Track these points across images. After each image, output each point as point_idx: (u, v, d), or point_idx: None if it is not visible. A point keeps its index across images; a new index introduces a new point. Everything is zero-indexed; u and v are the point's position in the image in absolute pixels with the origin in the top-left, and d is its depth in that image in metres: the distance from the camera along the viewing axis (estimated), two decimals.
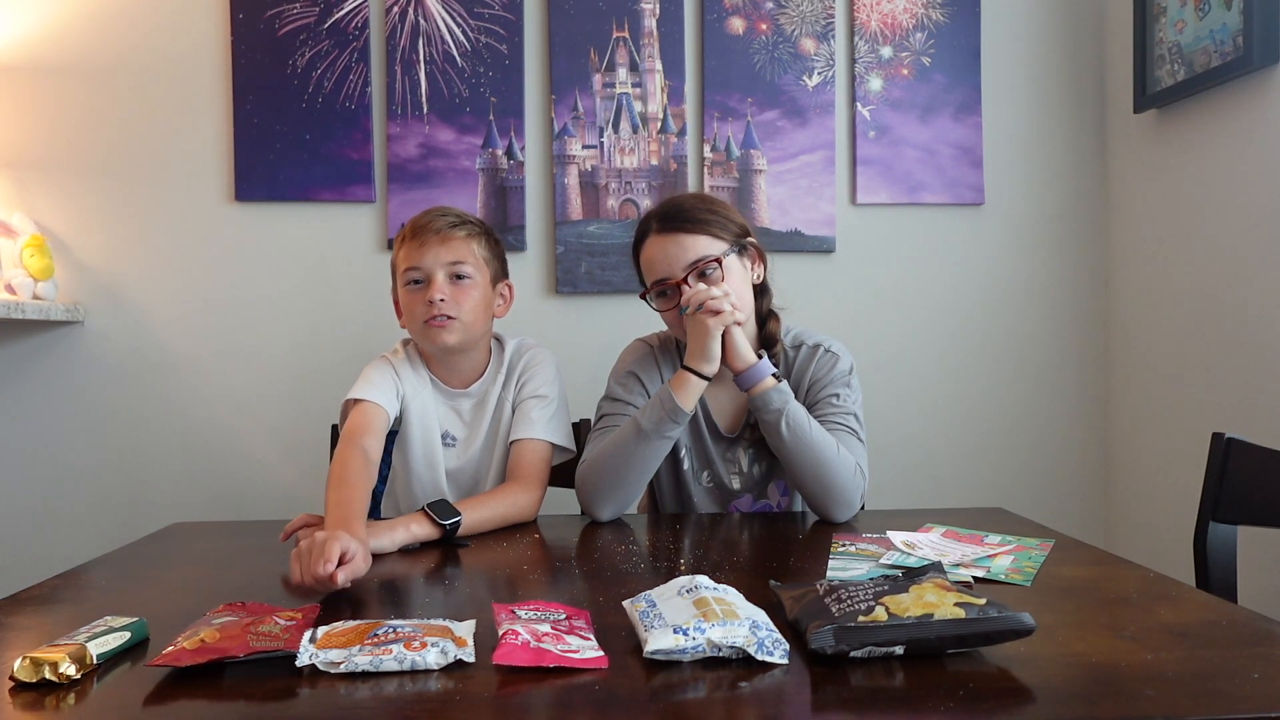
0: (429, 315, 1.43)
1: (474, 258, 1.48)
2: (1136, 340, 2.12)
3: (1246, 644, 0.80)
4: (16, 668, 0.73)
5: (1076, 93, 2.22)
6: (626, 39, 2.14)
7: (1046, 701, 0.69)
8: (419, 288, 1.46)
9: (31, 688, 0.73)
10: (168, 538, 1.35)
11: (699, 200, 1.47)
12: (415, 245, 1.46)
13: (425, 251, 1.45)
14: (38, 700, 0.71)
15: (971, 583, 0.99)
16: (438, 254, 1.45)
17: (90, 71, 2.07)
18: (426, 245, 1.45)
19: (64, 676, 0.73)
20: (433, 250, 1.45)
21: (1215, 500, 1.28)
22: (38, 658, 0.73)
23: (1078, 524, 2.19)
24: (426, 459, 1.51)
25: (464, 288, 1.46)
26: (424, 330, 1.46)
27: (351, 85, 2.10)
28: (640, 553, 1.22)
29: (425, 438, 1.50)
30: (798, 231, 2.17)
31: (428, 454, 1.50)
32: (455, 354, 1.50)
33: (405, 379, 1.50)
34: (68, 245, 2.07)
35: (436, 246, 1.45)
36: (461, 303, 1.45)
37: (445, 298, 1.43)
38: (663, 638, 0.76)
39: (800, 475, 1.35)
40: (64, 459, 2.08)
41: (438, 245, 1.45)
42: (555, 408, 1.51)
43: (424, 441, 1.50)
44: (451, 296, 1.44)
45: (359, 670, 0.74)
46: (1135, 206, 2.12)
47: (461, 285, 1.46)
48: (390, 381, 1.48)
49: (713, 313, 1.34)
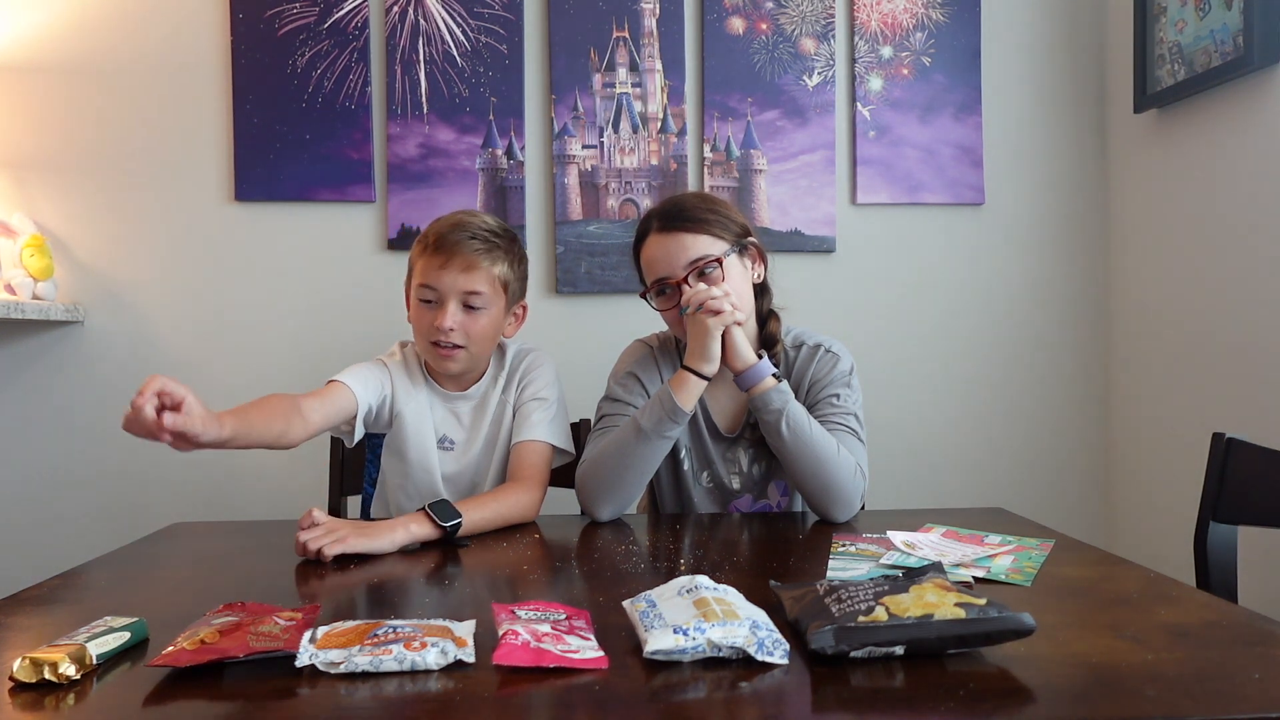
0: (436, 338, 1.41)
1: (493, 285, 1.43)
2: (1136, 340, 2.12)
3: (1246, 644, 0.80)
4: (16, 668, 0.73)
5: (1076, 93, 2.22)
6: (626, 39, 2.14)
7: (1046, 701, 0.69)
8: (431, 306, 1.42)
9: (31, 688, 0.73)
10: (168, 538, 1.35)
11: (700, 199, 1.47)
12: (435, 261, 1.40)
13: (444, 274, 1.40)
14: (38, 701, 0.71)
15: (972, 583, 0.99)
16: (455, 280, 1.40)
17: (90, 71, 2.07)
18: (446, 268, 1.40)
19: (63, 677, 0.73)
20: (451, 275, 1.40)
21: (1215, 500, 1.28)
22: (37, 658, 0.73)
23: (1078, 524, 2.19)
24: (421, 463, 1.49)
25: (477, 317, 1.42)
26: (428, 349, 1.44)
27: (351, 85, 2.10)
28: (640, 553, 1.22)
29: (420, 442, 1.48)
30: (798, 231, 2.17)
31: (422, 458, 1.49)
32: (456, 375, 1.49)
33: (399, 384, 1.48)
34: (68, 245, 2.07)
35: (456, 272, 1.39)
36: (471, 332, 1.42)
37: (455, 327, 1.40)
38: (663, 638, 0.76)
39: (800, 475, 1.34)
40: (64, 459, 2.08)
41: (458, 271, 1.39)
42: (555, 410, 1.51)
43: (418, 446, 1.48)
44: (462, 326, 1.40)
45: (359, 670, 0.74)
46: (1135, 206, 2.12)
47: (474, 314, 1.42)
48: (376, 380, 1.45)
49: (713, 312, 1.34)
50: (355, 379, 1.42)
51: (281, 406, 1.27)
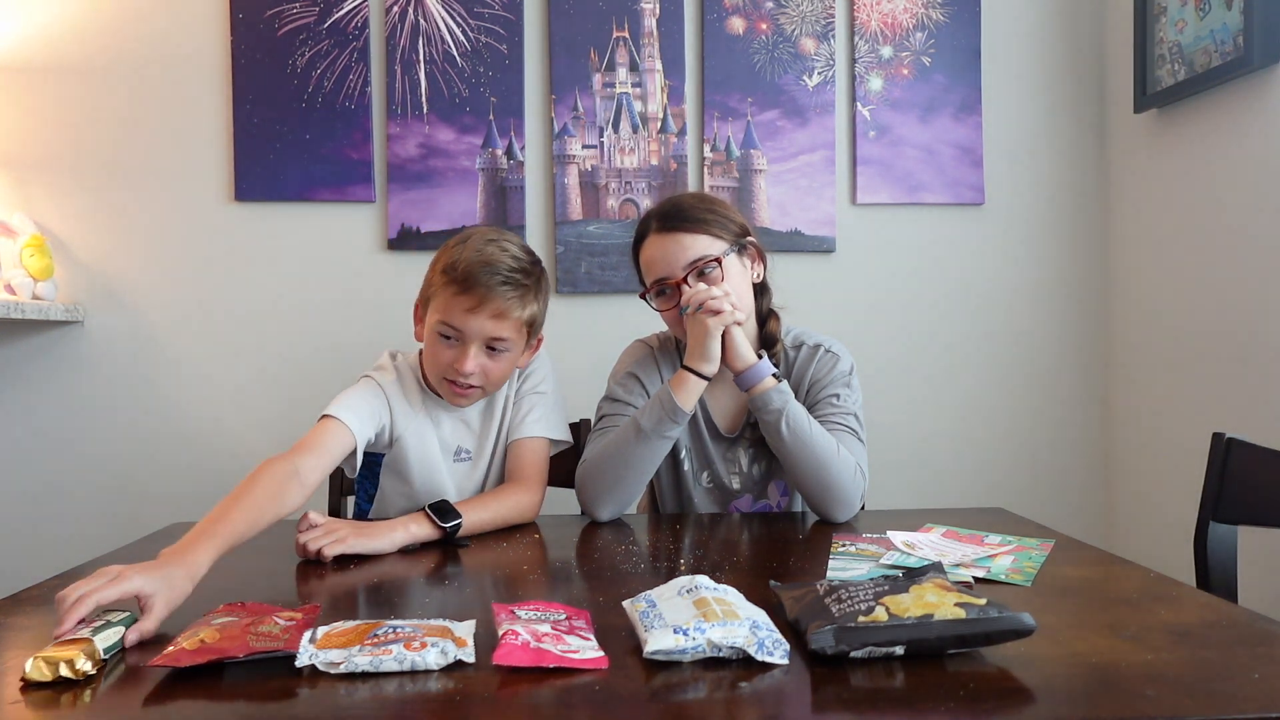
0: (453, 378, 1.35)
1: (518, 328, 1.36)
2: (1136, 340, 2.12)
3: (1246, 644, 0.80)
4: (29, 669, 0.73)
5: (1076, 93, 2.22)
6: (626, 39, 2.14)
7: (1046, 701, 0.69)
8: (450, 343, 1.34)
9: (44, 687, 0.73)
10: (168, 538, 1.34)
11: (698, 199, 1.47)
12: (462, 302, 1.31)
13: (470, 318, 1.31)
14: (37, 701, 0.71)
15: (972, 583, 0.99)
16: (483, 326, 1.32)
17: (90, 71, 2.07)
18: (474, 313, 1.31)
19: (80, 672, 0.73)
20: (479, 321, 1.32)
21: (1215, 500, 1.28)
22: (51, 657, 0.73)
23: (1078, 524, 2.19)
24: (427, 485, 1.42)
25: (499, 359, 1.36)
26: (442, 384, 1.39)
27: (351, 85, 2.10)
28: (640, 553, 1.22)
29: (425, 464, 1.42)
30: (798, 231, 2.17)
31: (427, 480, 1.42)
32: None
33: (396, 405, 1.41)
34: (68, 245, 2.07)
35: (485, 319, 1.31)
36: (491, 374, 1.36)
37: (475, 371, 1.34)
38: (663, 638, 0.76)
39: (800, 475, 1.34)
40: (63, 459, 2.08)
41: (486, 318, 1.31)
42: (552, 402, 1.50)
43: (423, 468, 1.42)
44: (482, 369, 1.35)
45: (359, 670, 0.74)
46: (1135, 206, 2.12)
47: (496, 356, 1.36)
48: (372, 409, 1.37)
49: (713, 312, 1.34)
50: (351, 414, 1.32)
51: (273, 486, 1.14)
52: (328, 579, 1.08)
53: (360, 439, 1.33)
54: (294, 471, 1.18)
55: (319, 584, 1.07)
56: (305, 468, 1.21)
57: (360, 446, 1.34)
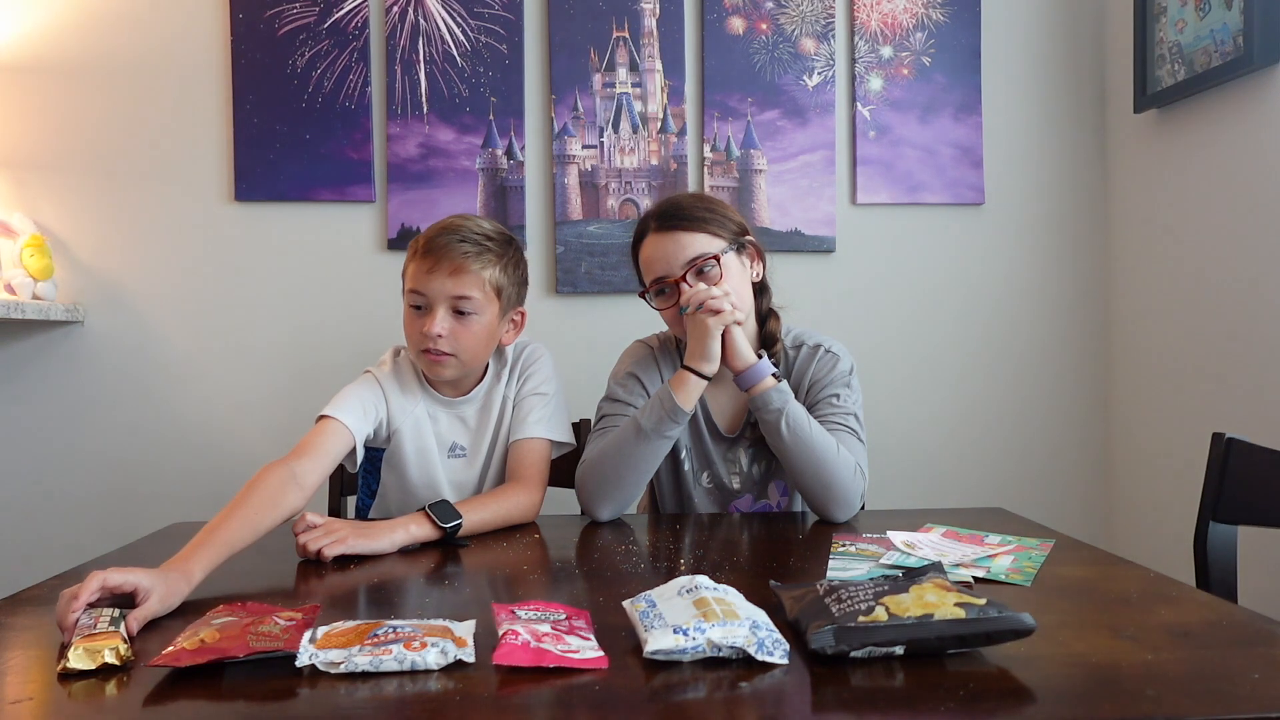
0: (425, 345, 1.36)
1: (484, 290, 1.37)
2: (1136, 340, 2.12)
3: (1246, 644, 0.80)
4: (72, 658, 0.75)
5: (1076, 93, 2.22)
6: (626, 39, 2.14)
7: (1046, 701, 0.69)
8: (420, 312, 1.37)
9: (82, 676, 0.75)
10: (168, 537, 1.35)
11: (697, 199, 1.47)
12: (424, 267, 1.36)
13: (431, 279, 1.35)
14: (37, 701, 0.71)
15: (971, 583, 0.99)
16: (444, 285, 1.35)
17: (91, 71, 2.07)
18: (434, 273, 1.35)
19: (123, 658, 0.77)
20: (439, 280, 1.35)
21: (1215, 500, 1.28)
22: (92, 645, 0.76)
23: (1078, 524, 2.19)
24: (424, 479, 1.45)
25: (467, 323, 1.37)
26: (420, 356, 1.40)
27: (351, 85, 2.10)
28: (640, 553, 1.22)
29: (421, 458, 1.44)
30: (798, 231, 2.17)
31: (424, 474, 1.45)
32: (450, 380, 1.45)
33: (393, 398, 1.43)
34: (68, 245, 2.07)
35: (444, 277, 1.35)
36: (461, 339, 1.37)
37: (444, 334, 1.35)
38: (663, 638, 0.76)
39: (800, 475, 1.34)
40: (64, 459, 2.08)
41: (445, 275, 1.34)
42: (554, 404, 1.49)
43: (419, 461, 1.44)
44: (451, 332, 1.36)
45: (359, 670, 0.74)
46: (1135, 206, 2.12)
47: (464, 320, 1.37)
48: (369, 404, 1.39)
49: (712, 312, 1.34)
50: (348, 412, 1.35)
51: (271, 492, 1.16)
52: (328, 579, 1.08)
53: (359, 435, 1.35)
54: (291, 476, 1.20)
55: (319, 584, 1.07)
56: (303, 471, 1.23)
57: (359, 443, 1.36)
